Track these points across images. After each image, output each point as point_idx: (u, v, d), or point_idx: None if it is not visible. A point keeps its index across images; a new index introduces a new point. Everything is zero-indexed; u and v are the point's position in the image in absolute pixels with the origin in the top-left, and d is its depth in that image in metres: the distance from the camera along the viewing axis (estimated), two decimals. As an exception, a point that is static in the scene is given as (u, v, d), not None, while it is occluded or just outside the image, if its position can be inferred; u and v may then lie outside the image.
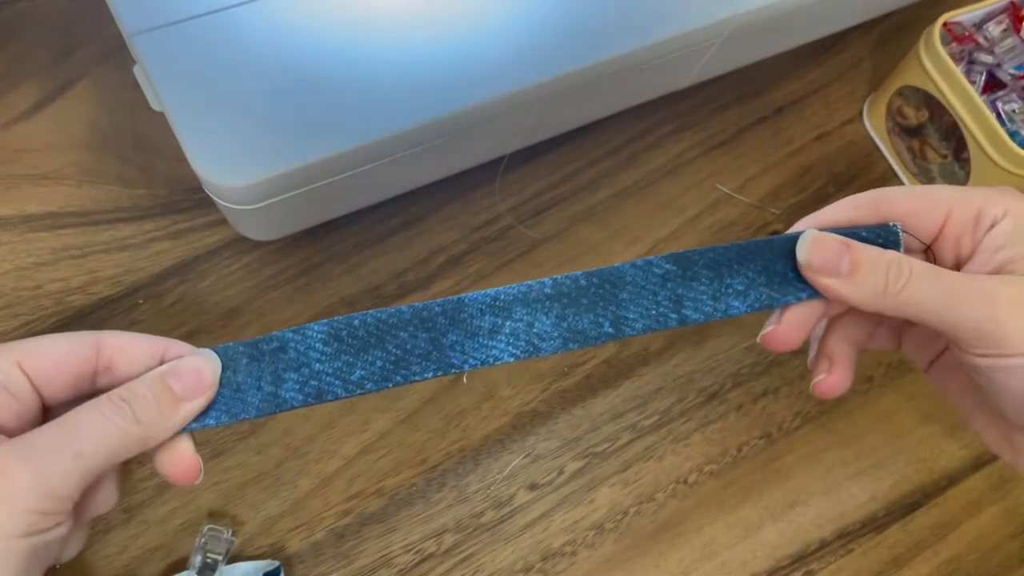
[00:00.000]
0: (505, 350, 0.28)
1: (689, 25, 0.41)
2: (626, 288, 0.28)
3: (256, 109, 0.36)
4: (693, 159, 0.51)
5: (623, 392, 0.46)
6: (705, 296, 0.29)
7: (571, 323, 0.28)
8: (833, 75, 0.55)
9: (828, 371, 0.31)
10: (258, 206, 0.37)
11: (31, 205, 0.44)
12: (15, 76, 0.46)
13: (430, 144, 0.39)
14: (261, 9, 0.37)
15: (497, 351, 0.28)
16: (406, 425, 0.43)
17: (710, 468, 0.45)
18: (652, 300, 0.28)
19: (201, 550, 0.38)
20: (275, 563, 0.39)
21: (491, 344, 0.28)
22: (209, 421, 0.27)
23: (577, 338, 0.28)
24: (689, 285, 0.28)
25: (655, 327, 0.28)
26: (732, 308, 0.29)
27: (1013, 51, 0.49)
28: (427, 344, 0.27)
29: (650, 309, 0.28)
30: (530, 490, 0.43)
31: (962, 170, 0.48)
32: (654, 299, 0.28)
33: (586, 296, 0.28)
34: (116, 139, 0.46)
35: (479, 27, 0.39)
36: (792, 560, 0.44)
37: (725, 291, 0.29)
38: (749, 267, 0.29)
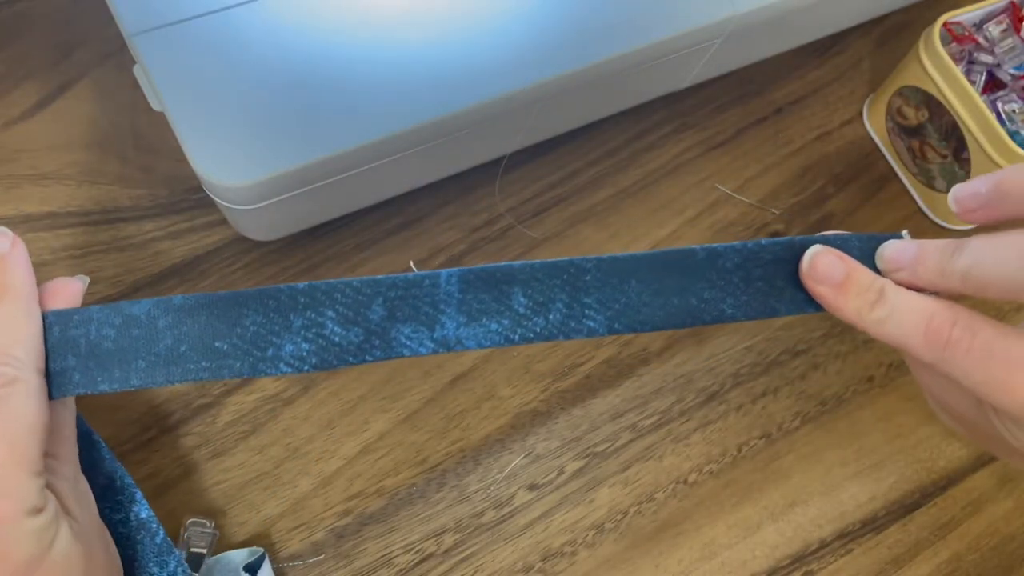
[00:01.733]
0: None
1: (689, 25, 0.41)
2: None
3: (256, 109, 0.36)
4: (693, 159, 0.51)
5: (623, 392, 0.46)
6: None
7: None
8: (833, 75, 0.55)
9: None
10: (258, 206, 0.37)
11: (31, 205, 0.44)
12: (15, 76, 0.46)
13: (430, 144, 0.39)
14: (261, 9, 0.37)
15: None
16: (406, 425, 0.43)
17: (710, 468, 0.45)
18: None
19: (185, 545, 0.38)
20: (259, 550, 0.39)
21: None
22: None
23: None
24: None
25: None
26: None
27: (1013, 51, 0.49)
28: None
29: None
30: (530, 490, 0.43)
31: (962, 170, 0.48)
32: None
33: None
34: (116, 139, 0.46)
35: (479, 27, 0.39)
36: (792, 560, 0.44)
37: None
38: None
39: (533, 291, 0.27)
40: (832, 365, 0.48)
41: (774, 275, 0.28)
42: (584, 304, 0.28)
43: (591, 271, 0.28)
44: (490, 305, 0.27)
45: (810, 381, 0.47)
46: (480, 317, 0.27)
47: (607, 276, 0.28)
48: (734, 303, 0.28)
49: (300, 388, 0.43)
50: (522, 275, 0.28)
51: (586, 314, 0.28)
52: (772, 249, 0.28)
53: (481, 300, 0.27)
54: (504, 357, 0.45)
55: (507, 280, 0.27)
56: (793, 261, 0.28)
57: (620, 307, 0.28)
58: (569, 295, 0.28)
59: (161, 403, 0.42)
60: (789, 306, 0.28)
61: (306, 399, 0.43)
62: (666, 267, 0.28)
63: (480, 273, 0.27)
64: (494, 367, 0.45)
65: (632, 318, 0.28)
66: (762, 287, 0.28)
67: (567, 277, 0.28)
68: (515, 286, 0.27)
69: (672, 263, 0.28)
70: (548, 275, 0.28)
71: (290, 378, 0.43)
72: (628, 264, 0.28)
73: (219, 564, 0.39)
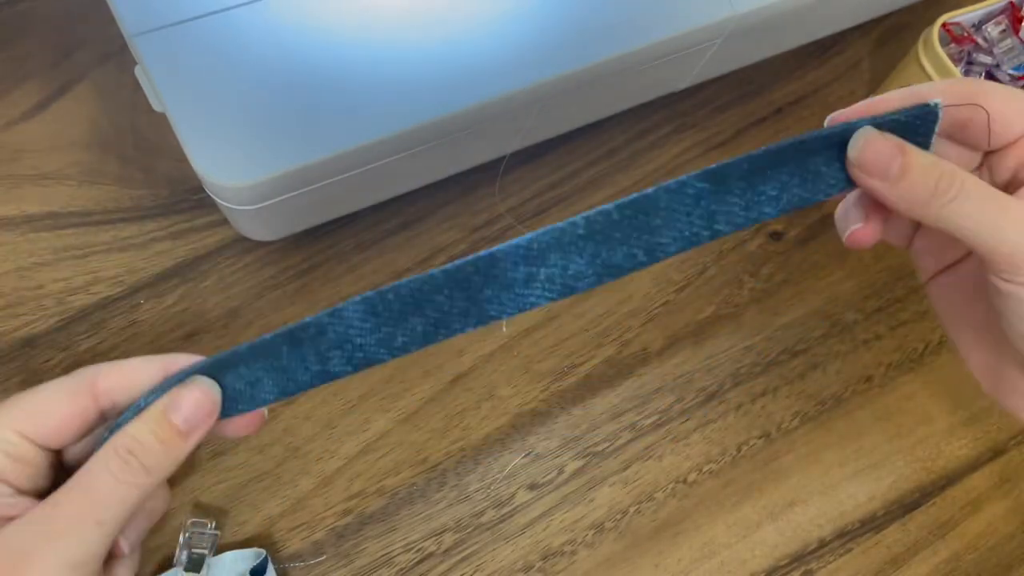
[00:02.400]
0: (542, 295, 0.27)
1: (689, 25, 0.41)
2: (659, 214, 0.27)
3: (256, 110, 0.36)
4: (693, 159, 0.51)
5: (623, 392, 0.46)
6: (737, 208, 0.28)
7: (605, 259, 0.27)
8: (832, 75, 0.56)
9: (864, 220, 0.29)
10: (259, 206, 0.37)
11: (32, 205, 0.44)
12: (16, 76, 0.46)
13: (430, 144, 0.39)
14: (261, 10, 0.37)
15: (534, 298, 0.27)
16: (406, 425, 0.43)
17: (709, 468, 0.45)
18: (686, 222, 0.27)
19: (186, 546, 0.39)
20: (261, 552, 0.39)
21: (527, 293, 0.27)
22: (262, 401, 0.27)
23: (612, 272, 0.27)
24: (723, 199, 0.28)
25: (688, 246, 0.28)
26: (764, 214, 0.28)
27: (1012, 52, 0.49)
28: (464, 303, 0.27)
29: (683, 231, 0.27)
30: (530, 490, 0.43)
31: (961, 170, 0.48)
32: (688, 220, 0.27)
33: (619, 230, 0.27)
34: (117, 139, 0.46)
35: (479, 27, 0.39)
36: (791, 559, 0.44)
37: (757, 199, 0.28)
38: (783, 170, 0.28)
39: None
40: (831, 365, 0.48)
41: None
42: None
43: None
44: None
45: (809, 381, 0.47)
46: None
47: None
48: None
49: (300, 388, 0.43)
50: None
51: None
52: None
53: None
54: (504, 357, 0.45)
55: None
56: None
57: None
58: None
59: (162, 403, 0.42)
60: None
61: (307, 399, 0.43)
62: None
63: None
64: (494, 367, 0.45)
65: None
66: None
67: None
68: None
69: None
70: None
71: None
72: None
73: (220, 564, 0.39)
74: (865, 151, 0.27)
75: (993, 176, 0.30)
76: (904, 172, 0.27)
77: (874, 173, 0.27)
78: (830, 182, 0.28)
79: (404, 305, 0.27)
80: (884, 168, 0.27)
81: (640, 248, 0.27)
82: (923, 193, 0.27)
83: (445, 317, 0.27)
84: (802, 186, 0.28)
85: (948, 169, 0.27)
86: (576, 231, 0.27)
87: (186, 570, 0.38)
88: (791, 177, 0.28)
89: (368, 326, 0.27)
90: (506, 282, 0.27)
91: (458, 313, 0.27)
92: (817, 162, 0.28)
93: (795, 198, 0.28)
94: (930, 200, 0.27)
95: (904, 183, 0.27)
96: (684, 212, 0.27)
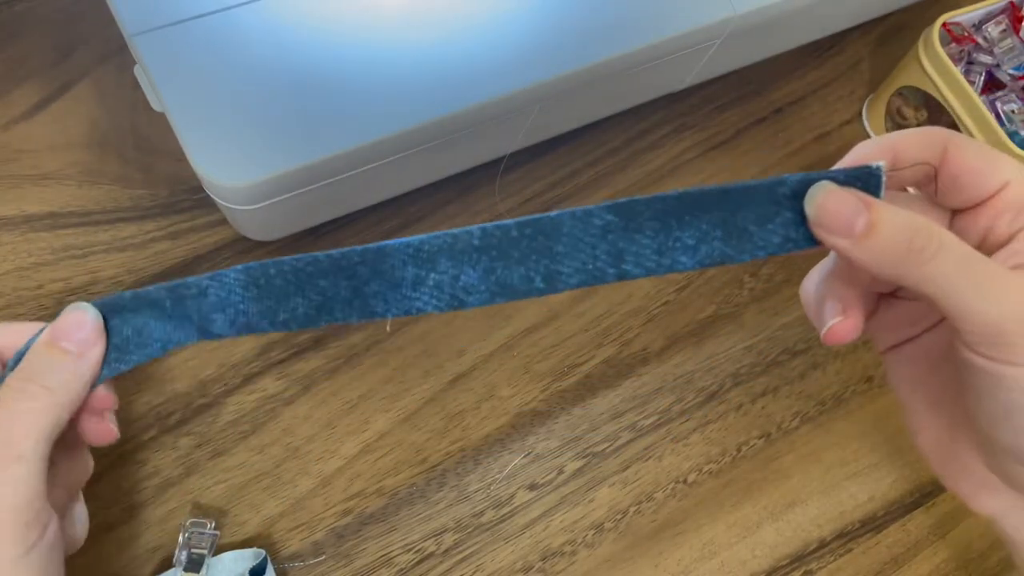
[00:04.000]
0: (428, 302, 0.26)
1: (689, 25, 0.41)
2: (562, 240, 0.26)
3: (256, 109, 0.36)
4: (693, 159, 0.51)
5: (622, 392, 0.46)
6: (648, 251, 0.26)
7: (500, 276, 0.26)
8: (832, 75, 0.56)
9: (843, 313, 0.27)
10: (258, 206, 0.37)
11: (32, 205, 0.44)
12: (15, 76, 0.46)
13: (430, 144, 0.39)
14: (261, 9, 0.37)
15: (420, 303, 0.26)
16: (406, 425, 0.43)
17: (709, 468, 0.45)
18: (590, 254, 0.26)
19: (186, 546, 0.39)
20: (261, 552, 0.39)
21: (414, 296, 0.26)
22: (151, 350, 0.27)
23: (506, 292, 0.26)
24: (631, 238, 0.26)
25: (591, 282, 0.26)
26: (678, 263, 0.26)
27: (1012, 51, 0.49)
28: (348, 292, 0.26)
29: (586, 264, 0.26)
30: (530, 490, 0.43)
31: (961, 170, 0.48)
32: (592, 252, 0.26)
33: (517, 248, 0.26)
34: (117, 139, 0.46)
35: (479, 27, 0.39)
36: (791, 560, 0.44)
37: (672, 245, 0.26)
38: (703, 219, 0.26)
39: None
40: (831, 365, 0.48)
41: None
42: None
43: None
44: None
45: (809, 381, 0.47)
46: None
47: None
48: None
49: (300, 388, 0.43)
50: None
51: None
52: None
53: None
54: (504, 357, 0.45)
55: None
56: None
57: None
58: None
59: (161, 403, 0.42)
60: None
61: (306, 399, 0.43)
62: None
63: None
64: (494, 367, 0.45)
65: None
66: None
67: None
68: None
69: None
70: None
71: (290, 378, 0.43)
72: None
73: (220, 564, 0.39)
74: (825, 206, 0.25)
75: (963, 236, 0.27)
76: (871, 228, 0.24)
77: (836, 230, 0.25)
78: (759, 243, 0.26)
79: (286, 283, 0.26)
80: (847, 224, 0.24)
81: (538, 273, 0.26)
82: (896, 251, 0.24)
83: (328, 303, 0.26)
84: (725, 241, 0.26)
85: (923, 224, 0.24)
86: (471, 240, 0.26)
87: (185, 570, 0.38)
88: (712, 228, 0.26)
89: (250, 295, 0.26)
90: (393, 280, 0.26)
91: (341, 301, 0.26)
92: (746, 218, 0.26)
93: (716, 252, 0.26)
94: (904, 258, 0.24)
95: (872, 240, 0.24)
96: (589, 243, 0.26)
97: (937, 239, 0.24)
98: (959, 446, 0.30)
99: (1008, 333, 0.24)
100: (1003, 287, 0.24)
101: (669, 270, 0.26)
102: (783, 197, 0.26)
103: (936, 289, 0.24)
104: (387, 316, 0.26)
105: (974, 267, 0.24)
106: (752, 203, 0.26)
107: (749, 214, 0.26)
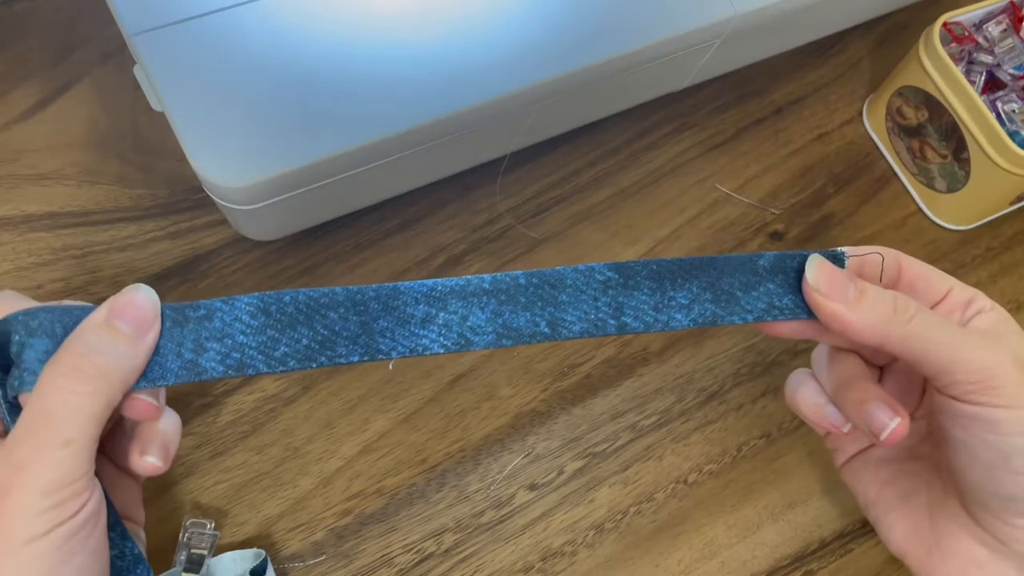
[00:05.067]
0: (436, 340, 0.27)
1: (689, 25, 0.41)
2: (566, 291, 0.28)
3: (256, 109, 0.36)
4: (693, 159, 0.51)
5: (623, 392, 0.46)
6: (647, 307, 0.29)
7: (506, 320, 0.28)
8: (833, 75, 0.56)
9: (897, 411, 0.30)
10: (258, 206, 0.37)
11: (31, 205, 0.44)
12: (15, 76, 0.46)
13: (430, 144, 0.39)
14: (261, 9, 0.37)
15: (427, 340, 0.27)
16: (406, 425, 0.43)
17: (710, 468, 0.45)
18: (592, 305, 0.28)
19: (185, 546, 0.38)
20: (261, 552, 0.39)
21: (422, 334, 0.27)
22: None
23: (511, 335, 0.28)
24: (630, 294, 0.28)
25: (593, 332, 0.28)
26: (675, 320, 0.29)
27: (1013, 51, 0.49)
28: (356, 327, 0.27)
29: (589, 314, 0.28)
30: (530, 490, 0.43)
31: (962, 170, 0.48)
32: (594, 304, 0.28)
33: (524, 295, 0.28)
34: (116, 139, 0.46)
35: (479, 27, 0.39)
36: (792, 560, 0.44)
37: (668, 303, 0.29)
38: (693, 283, 0.29)
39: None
40: (832, 365, 0.48)
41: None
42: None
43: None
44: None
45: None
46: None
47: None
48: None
49: (300, 388, 0.43)
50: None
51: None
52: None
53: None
54: (504, 357, 0.45)
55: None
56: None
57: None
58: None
59: (161, 403, 0.42)
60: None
61: (306, 399, 0.43)
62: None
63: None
64: (494, 367, 0.45)
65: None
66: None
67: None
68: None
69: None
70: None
71: (290, 378, 0.43)
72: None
73: (220, 565, 0.39)
74: (822, 274, 0.28)
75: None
76: (862, 295, 0.28)
77: (834, 295, 0.28)
78: (746, 307, 0.29)
79: (298, 312, 0.27)
80: (843, 291, 0.28)
81: (543, 320, 0.28)
82: (884, 312, 0.28)
83: (332, 337, 0.27)
84: (715, 303, 0.29)
85: (899, 293, 0.29)
86: (482, 285, 0.28)
87: (185, 570, 0.38)
88: (703, 291, 0.29)
89: (255, 324, 0.26)
90: (403, 317, 0.27)
91: (347, 336, 0.27)
92: (731, 284, 0.29)
93: (708, 313, 0.29)
94: (891, 318, 0.28)
95: (863, 304, 0.28)
96: (591, 296, 0.28)
97: (915, 304, 0.28)
98: (941, 526, 0.33)
99: (997, 377, 0.27)
100: (981, 340, 0.28)
101: (666, 327, 0.29)
102: (762, 269, 0.29)
103: (923, 344, 0.28)
104: (391, 356, 0.27)
105: (949, 324, 0.28)
106: (734, 271, 0.29)
107: (733, 281, 0.29)
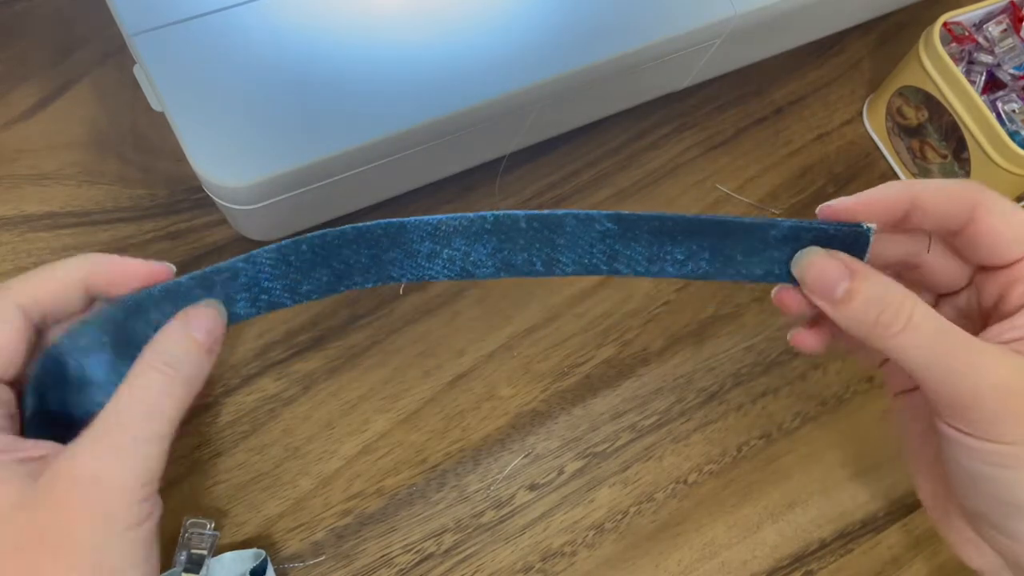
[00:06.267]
0: (441, 272, 0.29)
1: (689, 25, 0.41)
2: (564, 235, 0.29)
3: (256, 109, 0.36)
4: (693, 159, 0.51)
5: (623, 392, 0.46)
6: (640, 257, 0.29)
7: (505, 256, 0.29)
8: (833, 75, 0.55)
9: (810, 326, 0.30)
10: (258, 206, 0.37)
11: (31, 205, 0.44)
12: (15, 76, 0.46)
13: (430, 144, 0.39)
14: (261, 9, 0.37)
15: (433, 272, 0.29)
16: (406, 425, 0.43)
17: (710, 468, 0.45)
18: (587, 251, 0.29)
19: (185, 546, 0.38)
20: (261, 552, 0.39)
21: (428, 265, 0.29)
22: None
23: (510, 270, 0.29)
24: (628, 244, 0.29)
25: (584, 273, 0.29)
26: (666, 272, 0.29)
27: (1013, 51, 0.49)
28: (368, 260, 0.29)
29: (583, 258, 0.29)
30: (530, 490, 0.43)
31: (962, 170, 0.48)
32: (590, 250, 0.29)
33: (524, 237, 0.29)
34: (116, 139, 0.46)
35: (479, 27, 0.39)
36: (792, 560, 0.44)
37: (663, 256, 0.29)
38: (693, 240, 0.29)
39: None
40: (832, 365, 0.48)
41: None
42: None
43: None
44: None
45: (810, 381, 0.47)
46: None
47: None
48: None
49: (300, 388, 0.43)
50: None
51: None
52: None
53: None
54: (504, 357, 0.45)
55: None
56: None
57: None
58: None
59: (161, 403, 0.42)
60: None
61: (306, 399, 0.43)
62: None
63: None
64: (494, 367, 0.45)
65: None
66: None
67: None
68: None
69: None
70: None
71: (290, 378, 0.43)
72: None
73: (219, 565, 0.39)
74: (808, 271, 0.27)
75: (980, 298, 0.28)
76: (848, 297, 0.26)
77: (817, 293, 0.27)
78: (741, 271, 0.29)
79: (315, 255, 0.28)
80: (829, 290, 0.26)
81: (539, 259, 0.29)
82: (864, 322, 0.26)
83: (348, 270, 0.29)
84: (711, 263, 0.29)
85: (896, 300, 0.25)
86: (484, 224, 0.29)
87: (185, 571, 0.38)
88: (701, 250, 0.29)
89: (279, 272, 0.28)
90: (410, 251, 0.29)
91: (360, 269, 0.29)
92: (734, 247, 0.29)
93: (700, 270, 0.29)
94: (871, 331, 0.26)
95: (847, 308, 0.26)
96: (587, 242, 0.29)
97: (906, 315, 0.25)
98: (951, 506, 0.31)
99: (972, 408, 0.25)
100: (974, 363, 0.25)
101: (658, 276, 0.29)
102: (773, 239, 0.28)
103: (905, 361, 0.25)
104: (401, 280, 0.29)
105: (947, 341, 0.25)
106: (744, 237, 0.29)
107: (738, 245, 0.29)
